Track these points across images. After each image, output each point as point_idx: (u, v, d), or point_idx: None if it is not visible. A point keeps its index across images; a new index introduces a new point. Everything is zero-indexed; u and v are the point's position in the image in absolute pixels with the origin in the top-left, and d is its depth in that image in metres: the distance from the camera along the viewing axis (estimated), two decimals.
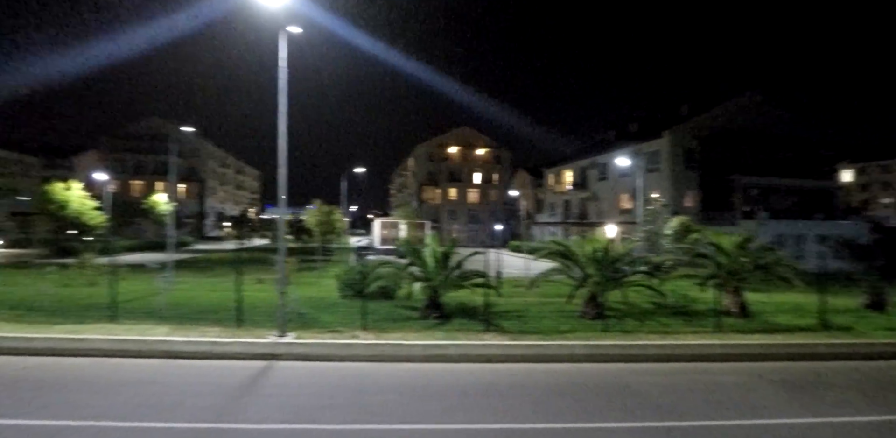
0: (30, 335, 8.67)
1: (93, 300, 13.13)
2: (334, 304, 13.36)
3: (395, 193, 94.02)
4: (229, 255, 35.71)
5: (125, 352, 8.44)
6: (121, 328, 9.49)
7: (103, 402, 6.29)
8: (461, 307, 12.13)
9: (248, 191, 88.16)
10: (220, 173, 69.82)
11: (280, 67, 9.21)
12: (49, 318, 10.35)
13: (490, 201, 64.93)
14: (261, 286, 18.62)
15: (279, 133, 9.23)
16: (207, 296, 14.67)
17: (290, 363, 8.28)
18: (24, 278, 17.34)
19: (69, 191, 33.67)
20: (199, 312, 11.52)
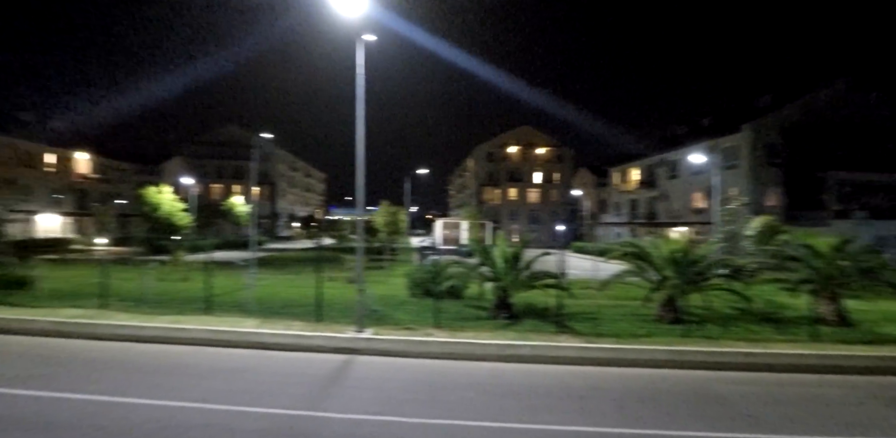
0: (140, 324, 9.64)
1: (187, 293, 14.36)
2: (404, 302, 13.74)
3: (455, 193, 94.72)
4: (301, 253, 37.63)
5: (221, 342, 9.18)
6: (215, 319, 10.32)
7: (208, 386, 6.90)
8: (530, 307, 12.05)
9: (315, 193, 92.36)
10: (289, 177, 73.68)
11: (357, 74, 9.61)
12: (153, 309, 11.44)
13: (551, 201, 63.77)
14: (333, 284, 19.54)
15: (357, 139, 9.64)
16: (287, 292, 15.54)
17: (370, 358, 8.63)
18: (128, 273, 19.22)
19: (161, 195, 36.90)
20: (281, 306, 12.26)
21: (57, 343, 9.16)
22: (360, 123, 9.64)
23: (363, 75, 9.65)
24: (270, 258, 32.92)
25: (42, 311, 10.77)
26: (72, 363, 7.91)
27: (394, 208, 31.50)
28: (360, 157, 9.74)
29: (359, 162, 9.74)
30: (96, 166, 44.78)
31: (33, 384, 6.80)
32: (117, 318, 10.21)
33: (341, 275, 20.79)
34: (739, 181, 31.41)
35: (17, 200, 35.80)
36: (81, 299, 12.55)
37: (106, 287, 12.01)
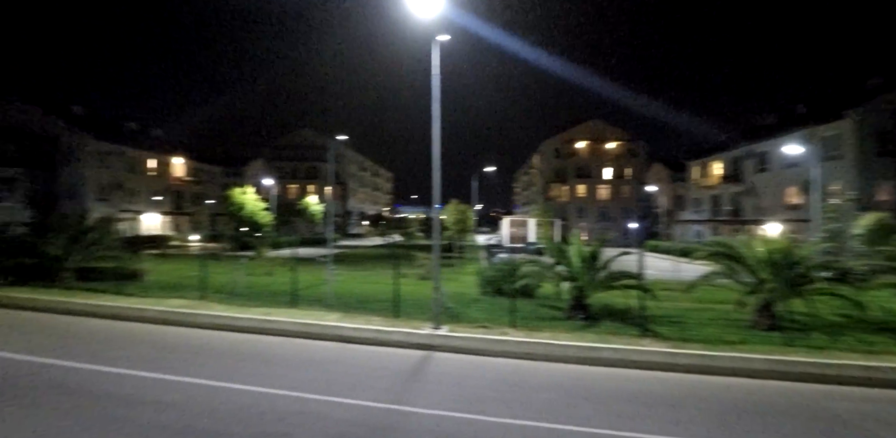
0: (235, 315, 10.40)
1: (273, 287, 15.31)
2: (476, 300, 13.76)
3: (520, 191, 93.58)
4: (372, 250, 38.93)
5: (307, 334, 9.68)
6: (300, 312, 10.90)
7: (300, 376, 7.29)
8: (607, 309, 11.60)
9: (382, 192, 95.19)
10: (359, 177, 76.44)
11: (433, 75, 9.71)
12: (244, 301, 12.30)
13: (622, 197, 61.12)
14: (405, 280, 19.99)
15: (433, 138, 9.74)
16: (362, 288, 16.11)
17: (447, 355, 8.71)
18: (220, 267, 20.83)
19: (245, 195, 39.67)
20: (358, 301, 12.72)
21: (164, 330, 10.11)
22: (436, 123, 9.73)
23: (438, 76, 9.73)
24: (344, 255, 34.38)
25: (150, 301, 11.93)
26: (179, 349, 8.68)
27: (462, 206, 31.51)
28: (436, 157, 9.84)
29: (435, 161, 9.85)
30: (190, 170, 49.00)
31: (147, 366, 7.54)
32: (215, 309, 11.08)
33: (413, 272, 21.26)
34: (843, 174, 28.27)
35: (125, 201, 40.03)
36: (182, 290, 13.78)
37: (204, 281, 13.08)
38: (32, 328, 10.10)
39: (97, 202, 36.73)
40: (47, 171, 35.50)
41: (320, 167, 67.81)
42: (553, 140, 63.50)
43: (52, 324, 10.46)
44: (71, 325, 10.41)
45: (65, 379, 6.87)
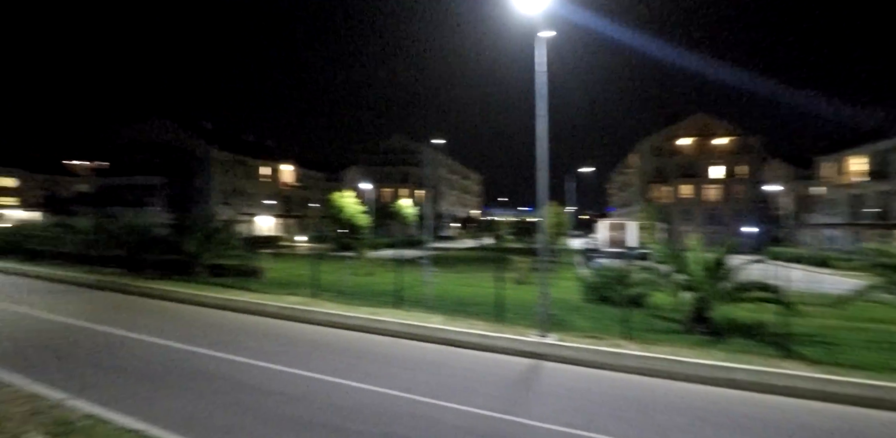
0: (345, 313, 10.86)
1: (375, 287, 15.90)
2: (578, 307, 13.12)
3: (615, 192, 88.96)
4: (464, 253, 39.21)
5: (412, 335, 9.82)
6: (405, 314, 11.11)
7: (409, 377, 7.35)
8: (732, 323, 10.41)
9: (471, 194, 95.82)
10: (449, 180, 77.71)
11: (538, 72, 9.38)
12: (351, 300, 12.85)
13: (734, 198, 55.38)
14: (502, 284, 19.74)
15: (538, 137, 9.41)
16: (459, 290, 16.12)
17: (556, 365, 8.31)
18: (326, 266, 22.12)
19: (344, 199, 42.08)
20: (457, 304, 12.71)
21: (284, 325, 10.85)
22: (541, 122, 9.39)
23: (545, 73, 9.38)
24: (438, 257, 34.99)
25: (270, 297, 12.90)
26: (298, 344, 9.23)
27: (558, 208, 30.36)
28: (541, 157, 9.49)
29: (540, 161, 9.50)
30: (297, 176, 53.13)
31: (272, 358, 8.07)
32: (326, 307, 11.69)
33: (509, 276, 20.95)
34: None
35: (243, 205, 44.36)
36: (296, 288, 14.78)
37: (315, 279, 13.90)
38: (177, 318, 11.39)
39: (221, 206, 41.11)
40: (183, 179, 40.49)
41: (412, 171, 69.97)
42: (653, 137, 59.41)
43: (191, 315, 11.72)
44: (207, 316, 11.58)
45: (206, 366, 7.58)
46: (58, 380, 6.43)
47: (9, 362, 7.20)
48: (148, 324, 10.40)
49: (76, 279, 16.27)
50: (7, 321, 10.25)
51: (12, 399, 5.18)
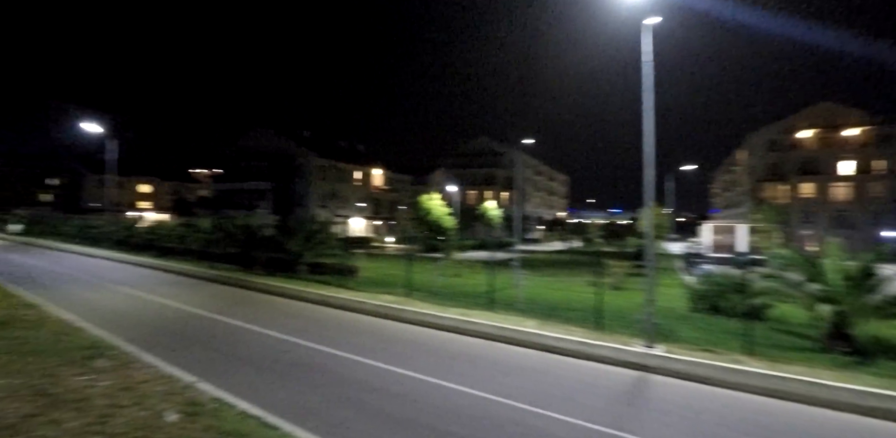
0: (438, 313, 10.92)
1: (464, 288, 15.92)
2: (685, 317, 12.08)
3: (718, 192, 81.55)
4: (551, 256, 38.18)
5: (506, 339, 9.60)
6: (497, 316, 10.92)
7: (508, 382, 7.15)
8: (879, 342, 8.93)
9: (557, 196, 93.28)
10: (534, 181, 76.32)
11: (644, 62, 8.74)
12: (442, 300, 12.92)
13: (869, 197, 48.15)
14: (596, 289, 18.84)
15: (644, 132, 8.77)
16: (551, 294, 15.60)
17: (666, 379, 7.63)
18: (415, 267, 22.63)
19: (431, 201, 42.95)
20: (550, 308, 12.26)
21: (380, 323, 11.18)
22: (647, 115, 8.73)
23: (651, 63, 8.72)
24: (525, 260, 34.37)
25: (366, 295, 13.38)
26: (395, 342, 9.42)
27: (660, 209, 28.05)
28: (648, 153, 8.82)
29: (647, 157, 8.83)
30: (386, 179, 55.30)
31: (372, 355, 8.30)
32: (419, 306, 11.86)
33: (602, 281, 19.91)
34: None
35: (338, 207, 47.03)
36: (389, 287, 15.24)
37: (407, 280, 14.21)
38: (285, 312, 12.21)
39: (318, 208, 43.91)
40: (286, 183, 43.89)
41: (497, 173, 69.68)
42: (766, 131, 53.54)
43: (296, 309, 12.51)
44: (310, 311, 12.29)
45: (312, 359, 7.98)
46: (188, 363, 7.12)
47: (150, 345, 8.12)
48: (260, 317, 11.25)
49: (200, 273, 18.16)
50: (148, 310, 11.65)
51: (153, 378, 5.78)
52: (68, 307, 10.68)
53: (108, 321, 9.90)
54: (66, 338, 7.30)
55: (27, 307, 9.51)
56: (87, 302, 12.07)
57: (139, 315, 10.95)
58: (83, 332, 8.02)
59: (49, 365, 5.54)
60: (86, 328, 8.52)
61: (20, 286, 13.53)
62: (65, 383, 4.81)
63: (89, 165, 63.81)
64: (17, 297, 11.06)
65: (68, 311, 10.16)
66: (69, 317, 9.33)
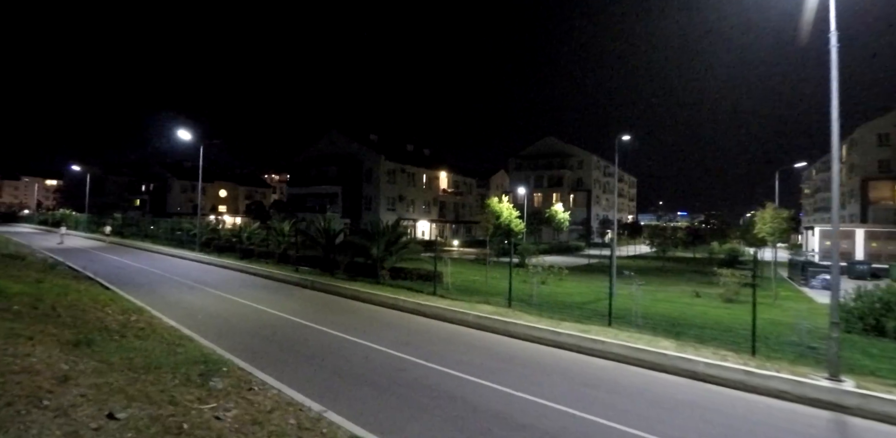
0: (554, 328, 9.72)
1: (559, 297, 14.64)
2: (843, 340, 10.12)
3: (808, 194, 74.16)
4: (631, 262, 35.73)
5: (642, 362, 8.24)
6: (621, 333, 9.56)
7: (676, 422, 5.84)
8: None
9: (626, 198, 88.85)
10: (602, 182, 72.95)
11: (832, 44, 7.13)
12: (545, 312, 11.70)
13: None
14: (703, 301, 16.91)
15: (832, 122, 7.14)
16: (657, 306, 13.97)
17: (875, 425, 6.01)
18: (494, 273, 21.55)
19: (500, 204, 41.69)
20: (669, 324, 10.75)
21: (486, 337, 10.14)
22: (834, 102, 7.09)
23: (836, 46, 7.10)
24: (598, 266, 32.33)
25: (462, 304, 12.41)
26: (514, 361, 8.33)
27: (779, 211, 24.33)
28: (835, 145, 7.18)
29: (833, 150, 7.20)
30: (451, 182, 54.69)
31: (494, 377, 7.25)
32: (526, 319, 10.72)
33: (712, 291, 17.87)
34: None
35: (405, 210, 46.92)
36: (476, 294, 14.25)
37: (490, 286, 13.12)
38: (378, 320, 11.49)
39: (387, 212, 43.95)
40: (355, 187, 44.32)
41: (564, 175, 67.22)
42: (875, 123, 47.73)
43: (389, 318, 11.77)
44: (407, 321, 11.49)
45: (430, 380, 7.06)
46: (304, 383, 6.42)
47: (257, 358, 7.57)
48: (357, 326, 10.58)
49: (283, 276, 18.05)
50: (243, 315, 11.33)
51: (279, 406, 5.06)
52: (169, 312, 10.53)
53: (208, 327, 9.58)
54: (177, 350, 6.85)
55: (135, 312, 9.36)
56: (184, 306, 11.98)
57: (236, 322, 10.61)
58: (191, 342, 7.60)
59: (169, 386, 4.95)
60: (192, 336, 8.14)
61: (123, 287, 13.81)
62: (192, 415, 4.13)
63: (174, 171, 68.35)
64: (125, 300, 11.10)
65: (170, 317, 9.97)
66: (173, 324, 9.06)
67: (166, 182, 66.98)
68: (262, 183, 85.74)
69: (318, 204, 44.96)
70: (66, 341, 5.95)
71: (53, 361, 4.82)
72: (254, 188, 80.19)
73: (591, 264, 34.12)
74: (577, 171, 68.41)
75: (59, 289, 10.24)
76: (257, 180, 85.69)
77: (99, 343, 6.26)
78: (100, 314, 8.36)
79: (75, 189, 73.55)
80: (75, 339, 6.10)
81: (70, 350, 5.54)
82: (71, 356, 5.26)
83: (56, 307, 7.96)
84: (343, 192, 44.07)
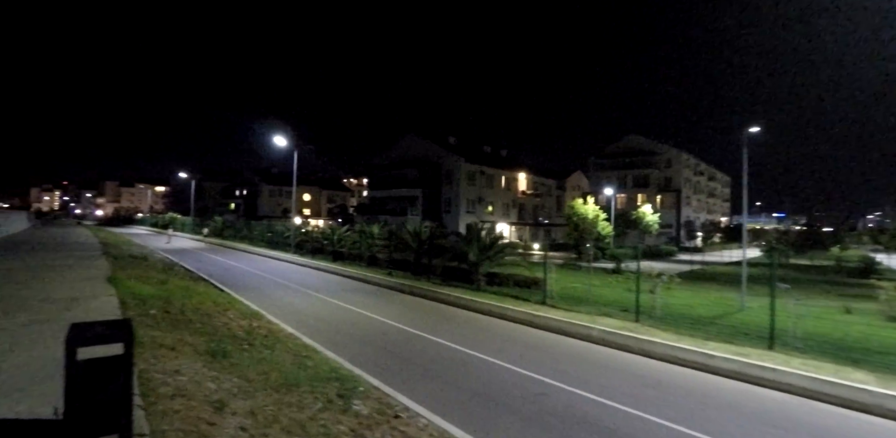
0: (706, 351, 8.33)
1: (681, 310, 13.01)
2: None
3: None
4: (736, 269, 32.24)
5: (833, 398, 6.69)
6: (794, 360, 7.98)
7: None
8: None
9: (718, 198, 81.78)
10: (693, 182, 67.56)
11: None
12: (678, 328, 10.27)
13: None
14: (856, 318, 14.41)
15: None
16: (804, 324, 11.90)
17: None
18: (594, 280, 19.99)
19: (586, 206, 39.58)
20: (836, 348, 8.94)
21: (614, 355, 8.98)
22: None
23: None
24: (700, 273, 29.42)
25: (582, 317, 11.21)
26: (668, 390, 7.13)
27: None
28: None
29: None
30: (529, 184, 53.14)
31: (658, 412, 6.13)
32: (661, 336, 9.40)
33: (861, 306, 15.23)
34: None
35: (483, 213, 46.13)
36: (583, 303, 13.03)
37: (596, 295, 11.82)
38: (493, 332, 10.66)
39: (466, 214, 43.42)
40: (434, 189, 44.26)
41: (650, 174, 63.05)
42: None
43: (504, 330, 10.89)
44: (521, 334, 10.59)
45: (577, 409, 6.10)
46: (445, 409, 5.72)
47: (382, 371, 7.04)
48: (473, 338, 9.83)
49: (378, 280, 17.87)
50: (353, 322, 11.02)
51: None
52: (283, 317, 10.44)
53: (323, 334, 9.29)
54: (305, 362, 6.46)
55: (254, 318, 9.29)
56: (293, 310, 11.94)
57: (346, 328, 10.27)
58: (315, 353, 7.23)
59: (315, 411, 4.44)
60: (314, 346, 7.80)
61: (234, 289, 14.18)
62: None
63: (264, 177, 72.78)
64: (241, 303, 11.22)
65: (285, 322, 9.83)
66: (292, 331, 8.84)
67: (257, 187, 71.41)
68: (342, 187, 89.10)
69: (398, 207, 45.44)
70: (203, 351, 5.72)
71: (200, 378, 4.49)
72: (334, 192, 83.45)
73: (693, 270, 31.22)
74: (665, 170, 63.82)
75: (183, 291, 10.49)
76: (337, 183, 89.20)
77: (232, 354, 5.99)
78: (224, 319, 8.30)
79: (180, 194, 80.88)
80: (211, 349, 5.86)
81: (209, 363, 5.25)
82: (212, 370, 4.94)
83: (185, 310, 7.98)
84: (423, 194, 44.14)
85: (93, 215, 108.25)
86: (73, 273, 11.69)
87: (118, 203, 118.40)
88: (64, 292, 8.79)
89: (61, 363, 1.17)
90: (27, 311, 6.91)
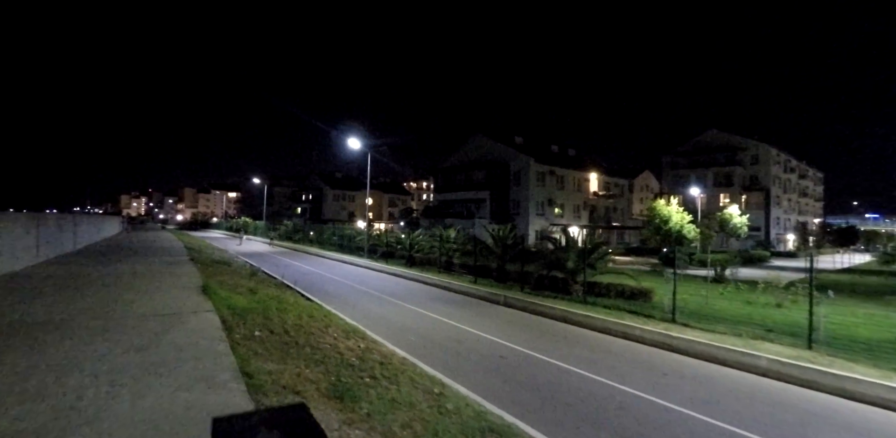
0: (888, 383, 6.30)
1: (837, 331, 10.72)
2: None
3: None
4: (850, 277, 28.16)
5: None
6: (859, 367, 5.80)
7: None
8: None
9: (810, 197, 74.06)
10: (783, 180, 61.40)
11: None
12: (867, 358, 8.19)
13: None
14: None
15: None
16: None
17: None
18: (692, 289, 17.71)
19: (669, 207, 36.51)
20: None
21: (802, 395, 7.07)
22: None
23: None
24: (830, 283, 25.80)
25: (729, 340, 9.27)
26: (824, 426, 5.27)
27: None
28: None
29: None
30: (601, 184, 50.22)
31: None
32: (859, 371, 7.37)
33: None
34: None
35: (555, 215, 43.96)
36: (707, 320, 11.13)
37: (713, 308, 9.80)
38: (620, 355, 9.06)
39: (536, 216, 41.49)
40: (502, 191, 42.68)
41: (734, 172, 57.98)
42: None
43: (632, 353, 9.24)
44: (657, 358, 8.90)
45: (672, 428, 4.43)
46: None
47: (525, 414, 5.70)
48: (606, 365, 8.29)
49: (464, 289, 16.62)
50: (451, 339, 9.79)
51: None
52: (384, 334, 9.40)
53: (434, 357, 8.10)
54: (443, 404, 5.23)
55: (357, 336, 8.26)
56: (389, 323, 10.91)
57: (453, 347, 9.04)
58: (446, 388, 6.00)
59: None
60: (439, 378, 6.57)
61: (321, 298, 13.46)
62: None
63: (328, 182, 74.35)
64: (335, 317, 10.30)
65: (388, 339, 8.77)
66: (404, 355, 7.71)
67: (322, 192, 73.02)
68: (403, 190, 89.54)
69: (464, 209, 44.29)
70: (325, 391, 4.65)
71: None
72: (396, 195, 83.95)
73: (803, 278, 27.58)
74: (751, 167, 58.45)
75: (275, 303, 9.72)
76: (398, 187, 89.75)
77: (357, 393, 4.88)
78: (328, 339, 7.31)
79: (251, 199, 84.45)
80: (333, 388, 4.80)
81: (341, 411, 4.16)
82: (352, 426, 3.80)
83: (288, 329, 7.08)
84: (490, 197, 42.70)
85: (174, 219, 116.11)
86: (168, 281, 11.34)
87: (195, 208, 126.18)
88: (160, 303, 8.21)
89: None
90: (125, 332, 6.21)
